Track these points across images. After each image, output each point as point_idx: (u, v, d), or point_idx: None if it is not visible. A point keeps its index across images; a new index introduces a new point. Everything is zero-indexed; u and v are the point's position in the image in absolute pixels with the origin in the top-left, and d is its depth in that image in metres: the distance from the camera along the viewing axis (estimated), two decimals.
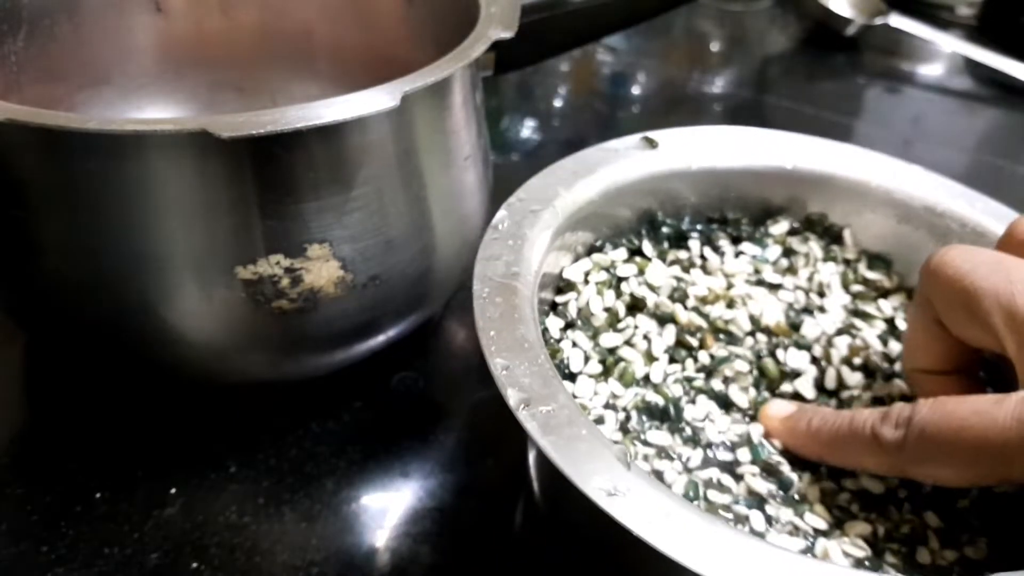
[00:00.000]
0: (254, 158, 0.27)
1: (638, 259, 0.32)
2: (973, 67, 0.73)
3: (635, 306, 0.31)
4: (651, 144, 0.32)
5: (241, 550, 0.30)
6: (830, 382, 0.29)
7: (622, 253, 0.32)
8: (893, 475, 0.25)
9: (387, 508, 0.32)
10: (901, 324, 0.31)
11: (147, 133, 0.25)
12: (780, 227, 0.34)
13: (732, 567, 0.19)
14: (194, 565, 0.29)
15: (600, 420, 0.27)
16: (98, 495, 0.31)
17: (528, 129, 0.60)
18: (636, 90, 0.68)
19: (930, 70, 0.75)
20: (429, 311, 0.36)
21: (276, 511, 0.31)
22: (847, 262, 0.34)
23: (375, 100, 0.27)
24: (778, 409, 0.27)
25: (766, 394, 0.29)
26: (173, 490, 0.32)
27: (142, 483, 0.32)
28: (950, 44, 0.73)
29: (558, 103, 0.65)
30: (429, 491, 0.32)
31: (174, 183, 0.27)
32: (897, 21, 0.74)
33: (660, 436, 0.27)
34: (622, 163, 0.32)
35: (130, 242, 0.28)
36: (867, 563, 0.24)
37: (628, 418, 0.27)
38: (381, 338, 0.34)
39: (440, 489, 0.33)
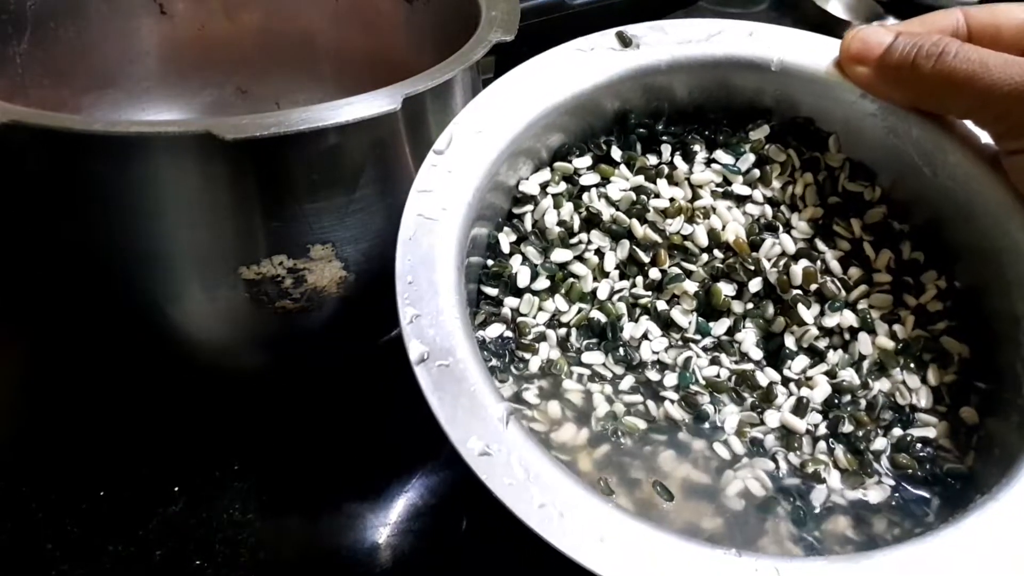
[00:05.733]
0: (258, 160, 0.27)
1: (603, 166, 0.31)
2: None
3: (590, 221, 0.30)
4: (624, 42, 0.31)
5: (245, 547, 0.30)
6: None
7: (587, 160, 0.31)
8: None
9: (389, 505, 0.32)
10: (867, 249, 0.30)
11: (152, 135, 0.26)
12: (760, 132, 0.31)
13: (581, 526, 0.20)
14: (197, 562, 0.29)
15: (541, 337, 0.28)
16: (102, 493, 0.31)
17: None
18: None
19: None
20: None
21: (279, 508, 0.32)
22: (829, 169, 0.31)
23: (377, 103, 0.27)
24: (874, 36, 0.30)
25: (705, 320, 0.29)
26: (177, 488, 0.32)
27: (146, 481, 0.32)
28: None
29: None
30: (430, 488, 0.33)
31: (178, 185, 0.27)
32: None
33: (594, 356, 0.28)
34: (593, 62, 0.30)
35: (134, 243, 0.28)
36: (759, 504, 0.25)
37: (568, 335, 0.28)
38: (383, 337, 0.34)
39: (441, 486, 0.33)
